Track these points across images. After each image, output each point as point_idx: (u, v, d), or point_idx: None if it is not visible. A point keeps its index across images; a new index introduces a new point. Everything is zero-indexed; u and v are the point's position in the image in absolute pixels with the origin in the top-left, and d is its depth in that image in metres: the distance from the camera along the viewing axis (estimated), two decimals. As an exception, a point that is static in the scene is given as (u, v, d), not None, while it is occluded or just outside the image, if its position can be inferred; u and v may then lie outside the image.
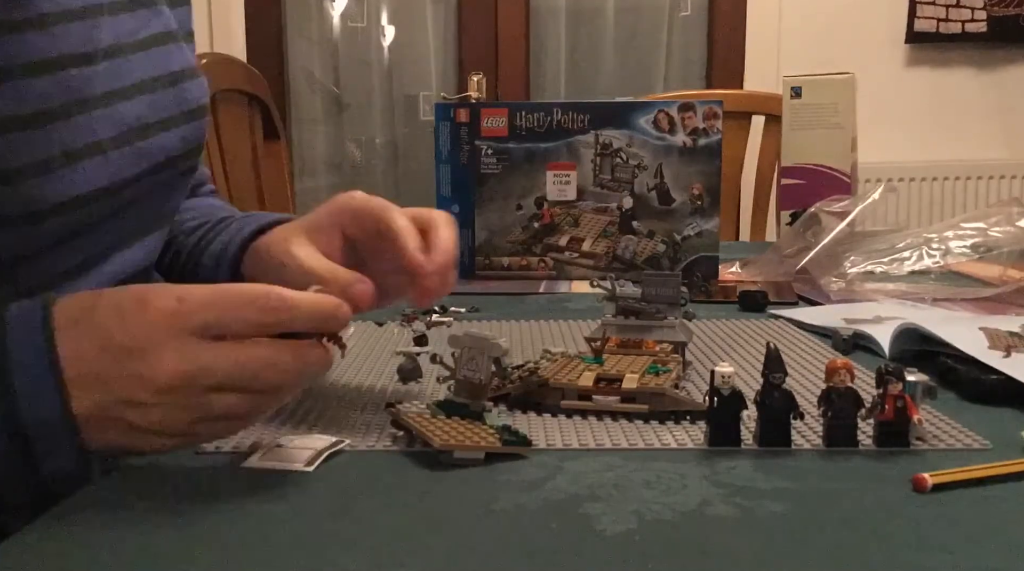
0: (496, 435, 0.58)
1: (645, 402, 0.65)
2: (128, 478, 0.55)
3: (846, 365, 0.58)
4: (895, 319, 0.84)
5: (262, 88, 1.77)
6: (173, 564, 0.44)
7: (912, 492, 0.51)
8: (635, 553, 0.45)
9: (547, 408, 0.66)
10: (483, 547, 0.46)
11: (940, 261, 1.15)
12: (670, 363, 0.70)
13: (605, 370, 0.68)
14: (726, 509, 0.49)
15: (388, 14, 3.45)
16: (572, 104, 1.23)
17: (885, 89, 3.22)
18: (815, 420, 0.60)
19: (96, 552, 0.46)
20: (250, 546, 0.46)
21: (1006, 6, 3.26)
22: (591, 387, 0.66)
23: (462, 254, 1.25)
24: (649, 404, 0.65)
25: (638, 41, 3.42)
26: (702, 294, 1.11)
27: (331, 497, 0.52)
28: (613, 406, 0.65)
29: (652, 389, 0.65)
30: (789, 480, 0.53)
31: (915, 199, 3.28)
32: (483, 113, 1.23)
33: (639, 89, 3.30)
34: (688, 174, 1.21)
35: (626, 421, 0.64)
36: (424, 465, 0.57)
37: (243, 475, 0.55)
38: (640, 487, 0.52)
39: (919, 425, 0.58)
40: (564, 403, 0.66)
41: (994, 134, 3.35)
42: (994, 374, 0.68)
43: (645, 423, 0.64)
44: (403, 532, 0.47)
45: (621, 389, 0.65)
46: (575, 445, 0.59)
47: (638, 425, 0.63)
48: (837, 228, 1.18)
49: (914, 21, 3.27)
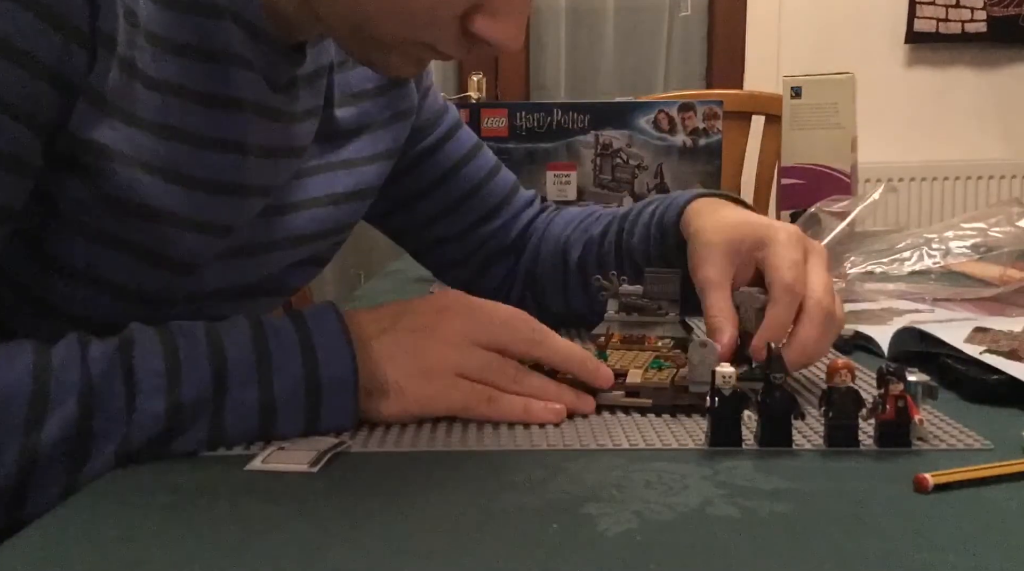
0: None
1: (649, 397, 0.65)
2: (129, 478, 0.55)
3: (847, 365, 0.58)
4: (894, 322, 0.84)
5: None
6: (174, 565, 0.44)
7: (913, 492, 0.51)
8: (636, 553, 0.45)
9: None
10: (484, 547, 0.46)
11: (940, 261, 1.15)
12: (671, 358, 0.70)
13: (610, 365, 0.68)
14: (727, 509, 0.49)
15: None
16: (572, 104, 1.23)
17: (885, 89, 3.22)
18: (816, 420, 0.61)
19: (97, 552, 0.46)
20: (252, 547, 0.46)
21: (1006, 6, 3.26)
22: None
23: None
24: (653, 398, 0.65)
25: (638, 41, 3.42)
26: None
27: (333, 498, 0.52)
28: (618, 400, 0.66)
29: (655, 384, 0.65)
30: (790, 480, 0.53)
31: (915, 199, 3.28)
32: (483, 113, 1.23)
33: (639, 89, 3.29)
34: (688, 174, 1.21)
35: (627, 420, 0.64)
36: (426, 465, 0.57)
37: (245, 476, 0.55)
38: (641, 487, 0.52)
39: (920, 425, 0.58)
40: None
41: (994, 134, 3.35)
42: (995, 374, 0.68)
43: (657, 416, 0.64)
44: (405, 532, 0.47)
45: (626, 384, 0.66)
46: (576, 445, 0.59)
47: (639, 425, 0.63)
48: (837, 228, 1.18)
49: (914, 21, 3.27)
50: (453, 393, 0.63)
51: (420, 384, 0.62)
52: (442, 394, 0.62)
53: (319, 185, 0.78)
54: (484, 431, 0.62)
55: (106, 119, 0.60)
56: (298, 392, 0.60)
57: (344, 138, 0.80)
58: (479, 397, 0.63)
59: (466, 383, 0.63)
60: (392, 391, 0.62)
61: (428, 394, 0.62)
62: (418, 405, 0.62)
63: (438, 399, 0.63)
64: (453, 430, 0.62)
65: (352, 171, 0.81)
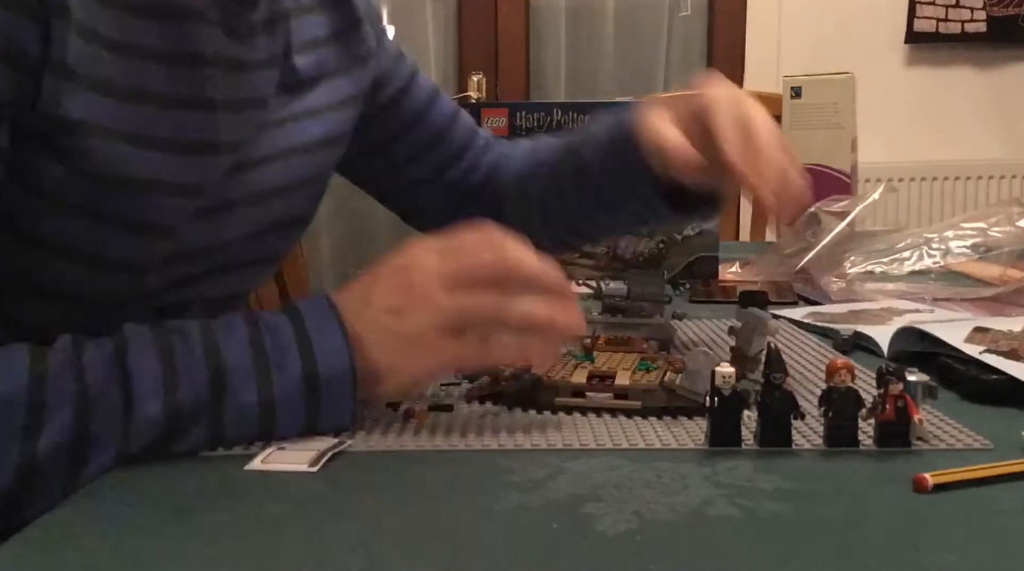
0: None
1: (637, 398, 0.65)
2: (130, 478, 0.55)
3: (847, 365, 0.58)
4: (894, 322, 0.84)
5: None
6: (174, 565, 0.44)
7: (913, 492, 0.52)
8: (636, 553, 0.45)
9: (541, 406, 0.67)
10: (484, 547, 0.46)
11: (940, 261, 1.15)
12: (658, 360, 0.70)
13: (597, 367, 0.68)
14: (727, 509, 0.49)
15: (388, 14, 3.45)
16: (572, 104, 1.23)
17: (885, 89, 3.22)
18: (816, 420, 0.61)
19: (97, 552, 0.46)
20: (252, 547, 0.46)
21: (1006, 6, 3.26)
22: (584, 384, 0.66)
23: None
24: (641, 400, 0.65)
25: (638, 41, 3.42)
26: (703, 293, 1.11)
27: (333, 498, 0.52)
28: (606, 403, 0.66)
29: (644, 386, 0.65)
30: (790, 480, 0.54)
31: (915, 199, 3.28)
32: (483, 113, 1.23)
33: (639, 89, 3.29)
34: (688, 174, 1.21)
35: (627, 420, 0.64)
36: (426, 465, 0.57)
37: (245, 476, 0.55)
38: (641, 487, 0.52)
39: (920, 425, 0.58)
40: (559, 400, 0.66)
41: (993, 134, 3.35)
42: (994, 374, 0.68)
43: (643, 419, 0.64)
44: (405, 532, 0.47)
45: (614, 386, 0.66)
46: (576, 445, 0.59)
47: (639, 424, 0.63)
48: (837, 228, 1.18)
49: (914, 21, 3.27)
50: (443, 355, 0.62)
51: (409, 358, 0.62)
52: (433, 359, 0.62)
53: (288, 136, 0.78)
54: (484, 431, 0.62)
55: (76, 91, 0.60)
56: (297, 391, 0.59)
57: (306, 87, 0.80)
58: (468, 351, 0.62)
59: (453, 341, 0.62)
60: (385, 373, 0.62)
61: (420, 364, 0.62)
62: (413, 378, 0.63)
63: (431, 366, 0.63)
64: (453, 430, 0.62)
65: (319, 119, 0.81)
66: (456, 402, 0.68)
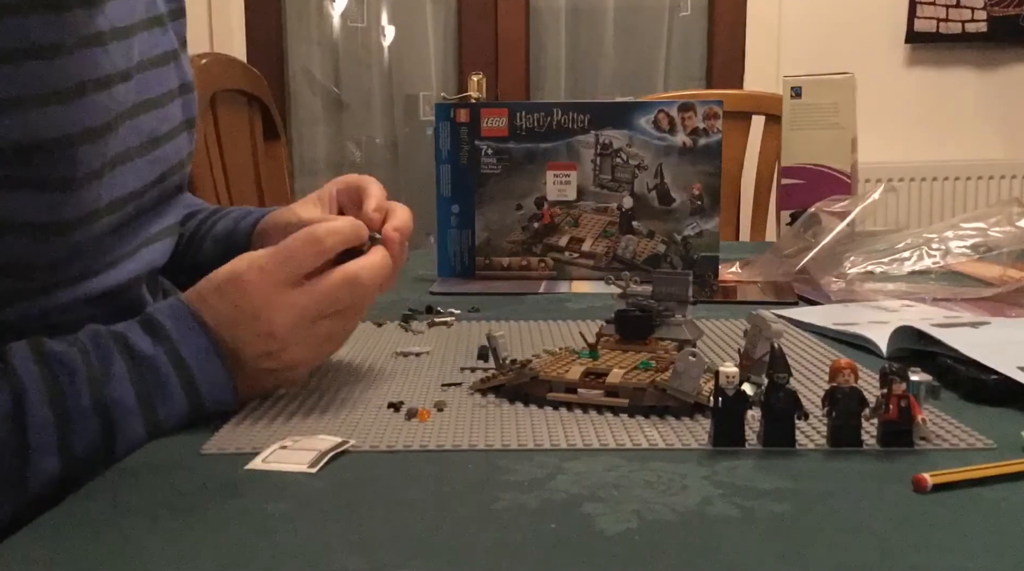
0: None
1: (627, 396, 0.65)
2: (129, 478, 0.55)
3: (850, 365, 0.58)
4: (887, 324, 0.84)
5: (262, 88, 1.77)
6: (173, 565, 0.44)
7: (913, 492, 0.51)
8: (635, 553, 0.45)
9: (534, 400, 0.67)
10: (484, 547, 0.46)
11: (940, 261, 1.15)
12: (660, 360, 0.70)
13: (596, 365, 0.68)
14: (727, 509, 0.49)
15: (388, 14, 3.45)
16: (572, 104, 1.23)
17: (885, 89, 3.23)
18: (819, 420, 0.60)
19: (97, 552, 0.46)
20: (252, 547, 0.46)
21: (1006, 6, 3.26)
22: (577, 380, 0.67)
23: (462, 254, 1.25)
24: (630, 399, 0.65)
25: (638, 41, 3.42)
26: (703, 294, 1.11)
27: (334, 498, 0.52)
28: (595, 399, 0.66)
29: (634, 384, 0.65)
30: (790, 480, 0.53)
31: (915, 199, 3.28)
32: (483, 113, 1.23)
33: (639, 89, 3.30)
34: (688, 174, 1.21)
35: (627, 420, 0.64)
36: (425, 465, 0.57)
37: (246, 476, 0.55)
38: (640, 487, 0.52)
39: (923, 425, 0.58)
40: (550, 395, 0.67)
41: (993, 134, 3.35)
42: (994, 374, 0.68)
43: (644, 418, 0.64)
44: (405, 532, 0.47)
45: (605, 383, 0.66)
46: (576, 445, 0.59)
47: (640, 424, 0.63)
48: (837, 228, 1.18)
49: (914, 21, 3.27)
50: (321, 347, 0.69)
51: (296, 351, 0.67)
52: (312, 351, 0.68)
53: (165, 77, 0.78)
54: (484, 431, 0.62)
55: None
56: (184, 416, 0.64)
57: (160, 24, 0.79)
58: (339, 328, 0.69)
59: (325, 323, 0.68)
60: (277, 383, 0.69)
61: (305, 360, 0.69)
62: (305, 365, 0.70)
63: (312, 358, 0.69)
64: (453, 430, 0.62)
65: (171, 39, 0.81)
66: (458, 398, 0.69)
